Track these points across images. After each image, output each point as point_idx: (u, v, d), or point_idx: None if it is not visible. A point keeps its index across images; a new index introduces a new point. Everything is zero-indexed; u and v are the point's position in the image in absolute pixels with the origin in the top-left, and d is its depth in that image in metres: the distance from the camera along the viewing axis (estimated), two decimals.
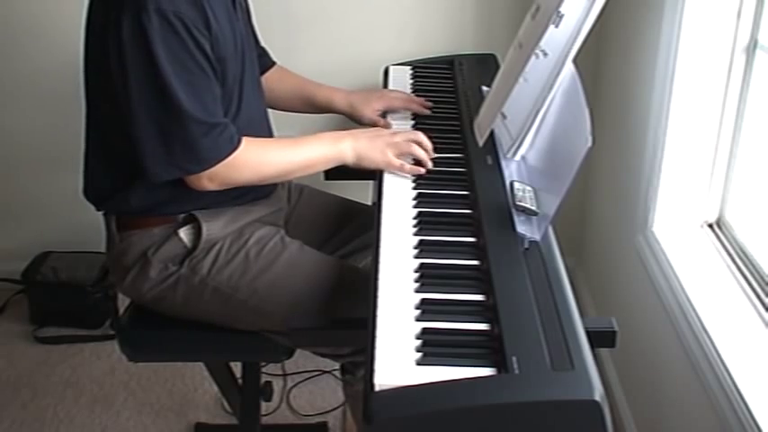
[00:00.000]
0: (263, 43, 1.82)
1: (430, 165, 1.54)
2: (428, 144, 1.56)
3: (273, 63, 1.85)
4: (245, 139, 1.46)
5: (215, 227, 1.54)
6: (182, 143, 1.38)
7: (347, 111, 1.82)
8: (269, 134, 1.68)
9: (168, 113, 1.36)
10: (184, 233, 1.54)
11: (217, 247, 1.55)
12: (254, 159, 1.48)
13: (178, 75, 1.34)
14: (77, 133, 1.62)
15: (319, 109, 1.85)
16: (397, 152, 1.54)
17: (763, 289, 1.56)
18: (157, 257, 1.53)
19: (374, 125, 1.76)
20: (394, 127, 1.75)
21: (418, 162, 1.55)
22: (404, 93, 1.87)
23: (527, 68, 1.43)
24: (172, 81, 1.34)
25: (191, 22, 1.34)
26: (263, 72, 1.79)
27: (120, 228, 1.56)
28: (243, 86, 1.53)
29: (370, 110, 1.79)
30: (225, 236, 1.56)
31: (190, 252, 1.54)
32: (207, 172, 1.42)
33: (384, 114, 1.81)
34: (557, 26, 1.35)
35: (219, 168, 1.42)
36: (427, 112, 1.79)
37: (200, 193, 1.47)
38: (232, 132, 1.44)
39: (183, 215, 1.54)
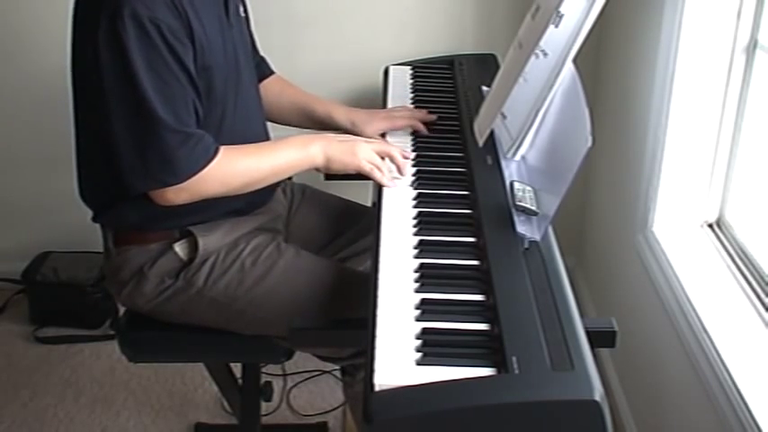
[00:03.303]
0: (261, 52, 1.80)
1: (400, 175, 1.51)
2: (400, 160, 1.52)
3: (271, 72, 1.82)
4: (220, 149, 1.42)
5: (211, 240, 1.53)
6: (158, 153, 1.35)
7: (349, 128, 1.76)
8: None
9: (143, 122, 1.33)
10: (180, 247, 1.52)
11: (212, 258, 1.53)
12: (222, 171, 1.42)
13: (153, 82, 1.31)
14: None
15: (319, 124, 1.79)
16: (368, 159, 1.50)
17: (763, 289, 1.56)
18: (153, 272, 1.52)
19: None
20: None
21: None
22: (407, 109, 1.80)
23: (527, 68, 1.43)
24: (147, 89, 1.31)
25: (167, 28, 1.31)
26: (259, 81, 1.75)
27: (116, 242, 1.55)
28: (237, 95, 1.51)
29: (371, 129, 1.73)
30: (220, 247, 1.54)
31: (185, 265, 1.53)
32: (176, 186, 1.38)
33: (384, 134, 1.74)
34: (557, 26, 1.35)
35: (189, 182, 1.38)
36: (425, 130, 1.71)
37: (196, 206, 1.44)
38: (208, 143, 1.40)
39: (178, 230, 1.52)
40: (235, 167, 1.45)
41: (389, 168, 1.52)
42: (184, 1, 1.35)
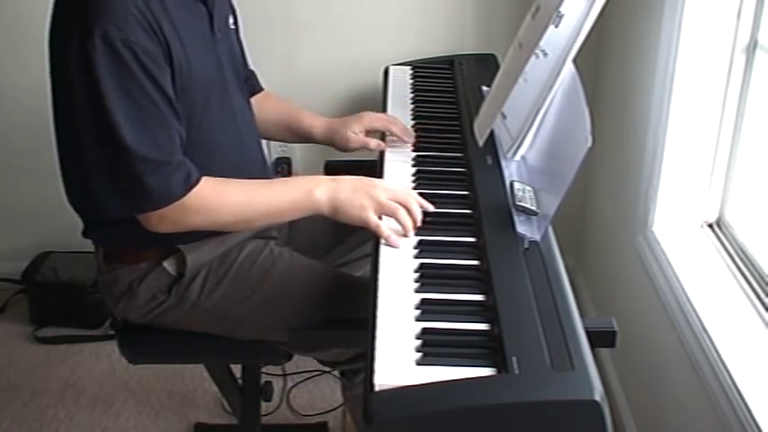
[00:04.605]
0: (251, 67, 1.76)
1: (410, 234, 1.34)
2: (417, 214, 1.35)
3: (260, 89, 1.76)
4: (204, 180, 1.36)
5: (200, 254, 1.49)
6: (129, 181, 1.31)
7: (326, 140, 1.72)
8: (259, 156, 1.62)
9: (112, 149, 1.28)
10: (168, 263, 1.49)
11: (204, 271, 1.50)
12: (208, 203, 1.36)
13: (124, 107, 1.26)
14: None
15: (302, 138, 1.75)
16: (378, 210, 1.36)
17: (763, 289, 1.56)
18: (143, 289, 1.50)
19: (364, 147, 1.69)
20: (389, 150, 1.64)
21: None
22: (386, 116, 1.74)
23: (527, 68, 1.43)
24: (116, 114, 1.26)
25: (141, 50, 1.25)
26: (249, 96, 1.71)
27: (106, 259, 1.53)
28: (225, 113, 1.47)
29: (350, 131, 1.69)
30: (211, 259, 1.51)
31: (176, 280, 1.50)
32: (157, 212, 1.34)
33: (383, 137, 1.70)
34: (557, 26, 1.36)
35: (168, 210, 1.33)
36: (407, 140, 1.65)
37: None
38: (188, 171, 1.34)
39: (167, 247, 1.49)
40: (223, 200, 1.38)
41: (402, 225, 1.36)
42: (162, 20, 1.29)
